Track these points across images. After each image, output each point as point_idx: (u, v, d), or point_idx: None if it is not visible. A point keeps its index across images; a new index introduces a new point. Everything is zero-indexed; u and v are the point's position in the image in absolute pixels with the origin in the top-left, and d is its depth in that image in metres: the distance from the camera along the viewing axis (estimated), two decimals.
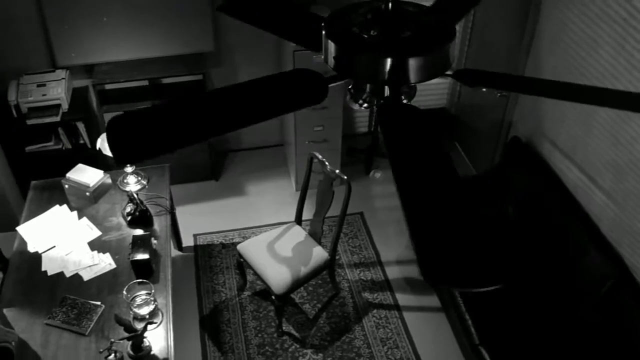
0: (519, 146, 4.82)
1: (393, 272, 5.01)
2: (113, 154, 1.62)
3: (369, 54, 1.78)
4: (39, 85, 5.17)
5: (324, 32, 1.87)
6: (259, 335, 4.53)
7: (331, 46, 1.84)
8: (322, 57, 1.90)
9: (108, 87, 5.34)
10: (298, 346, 4.45)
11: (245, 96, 1.79)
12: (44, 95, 5.12)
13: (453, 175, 1.74)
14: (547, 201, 4.36)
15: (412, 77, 1.79)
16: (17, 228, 4.22)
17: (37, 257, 4.01)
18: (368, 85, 1.98)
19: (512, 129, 5.11)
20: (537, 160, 4.67)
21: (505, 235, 4.56)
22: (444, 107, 6.39)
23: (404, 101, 1.97)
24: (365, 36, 1.82)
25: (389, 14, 1.83)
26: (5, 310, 3.66)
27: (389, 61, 1.75)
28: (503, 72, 2.08)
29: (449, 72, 1.92)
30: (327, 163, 4.25)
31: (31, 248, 4.07)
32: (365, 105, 2.00)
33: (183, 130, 1.69)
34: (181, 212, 5.09)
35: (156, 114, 1.70)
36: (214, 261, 5.13)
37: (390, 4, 1.81)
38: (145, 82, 5.32)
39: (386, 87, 1.93)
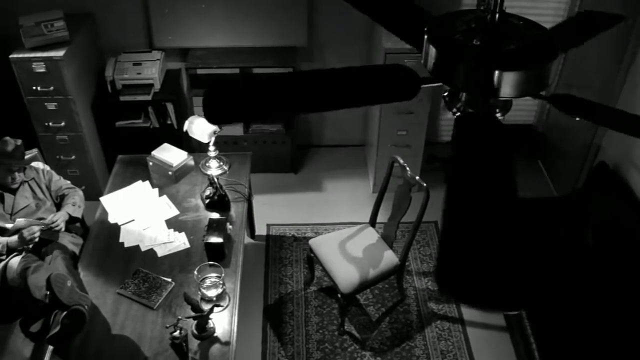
0: (605, 172, 4.67)
1: None
2: (205, 112, 1.79)
3: (471, 63, 1.75)
4: (135, 64, 5.33)
5: (426, 36, 1.85)
6: (320, 331, 4.54)
7: (432, 50, 1.82)
8: (422, 60, 1.88)
9: (200, 72, 5.45)
10: (357, 347, 4.44)
11: (337, 80, 1.83)
12: (138, 73, 5.28)
13: (511, 197, 1.69)
14: (630, 232, 4.21)
15: (509, 91, 1.75)
16: (101, 198, 4.37)
17: (116, 228, 4.14)
18: (464, 95, 1.95)
19: (600, 154, 4.96)
20: (624, 188, 4.51)
21: (581, 261, 4.43)
22: (531, 125, 6.25)
23: (498, 115, 1.94)
24: (468, 45, 1.79)
25: (495, 25, 1.79)
26: (81, 275, 3.80)
27: (488, 73, 1.71)
28: (600, 103, 2.00)
29: (543, 93, 1.88)
30: (407, 168, 4.23)
31: (111, 219, 4.21)
32: (459, 114, 1.97)
33: (272, 101, 1.83)
34: (257, 201, 5.15)
35: (251, 82, 1.88)
36: (284, 253, 5.18)
37: (497, 15, 1.78)
38: (236, 70, 5.40)
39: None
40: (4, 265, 3.77)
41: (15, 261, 3.73)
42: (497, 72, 1.71)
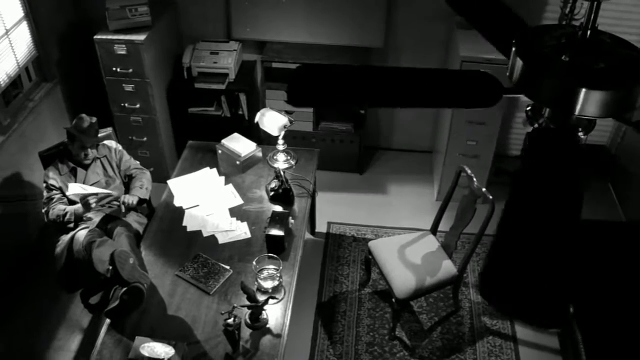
0: None
1: None
2: (289, 95, 2.01)
3: (558, 80, 1.71)
4: (212, 53, 5.42)
5: (514, 48, 1.82)
6: (371, 333, 4.53)
7: (519, 63, 1.78)
8: (508, 72, 1.85)
9: (275, 65, 5.50)
10: (407, 354, 4.40)
11: (419, 79, 1.86)
12: (214, 62, 5.37)
13: (573, 219, 1.67)
14: None
15: (593, 110, 1.71)
16: (168, 181, 4.45)
17: (180, 212, 4.22)
18: (547, 110, 1.91)
19: None
20: None
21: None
22: (604, 145, 6.08)
23: (580, 134, 1.89)
24: (557, 60, 1.74)
25: (586, 42, 1.75)
26: (143, 254, 3.88)
27: (577, 91, 1.67)
28: None
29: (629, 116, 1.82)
30: (474, 179, 4.17)
31: (177, 202, 4.29)
32: (535, 127, 1.93)
33: (351, 91, 1.94)
34: (320, 198, 5.16)
35: (333, 71, 2.01)
36: (342, 252, 5.18)
37: (588, 32, 1.74)
38: None
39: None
40: (71, 236, 3.89)
41: (82, 234, 3.85)
42: (583, 90, 1.66)
